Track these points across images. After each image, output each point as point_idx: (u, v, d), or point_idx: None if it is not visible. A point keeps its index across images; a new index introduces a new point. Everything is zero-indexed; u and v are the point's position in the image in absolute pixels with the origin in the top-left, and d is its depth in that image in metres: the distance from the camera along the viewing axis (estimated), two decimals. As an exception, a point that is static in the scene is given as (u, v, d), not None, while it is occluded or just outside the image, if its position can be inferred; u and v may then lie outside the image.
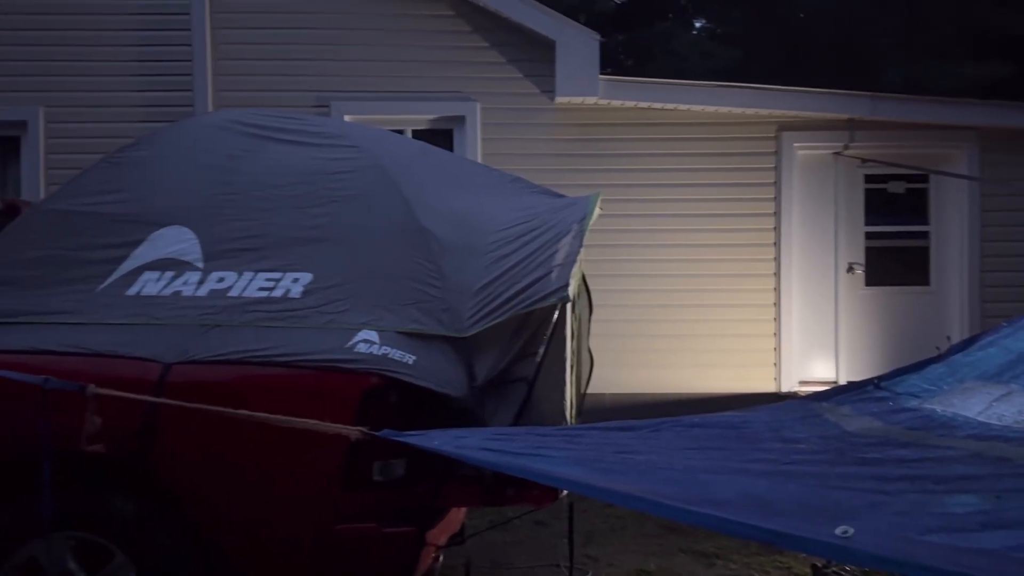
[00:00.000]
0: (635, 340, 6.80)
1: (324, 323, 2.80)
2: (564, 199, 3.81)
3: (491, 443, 2.02)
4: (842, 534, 1.18)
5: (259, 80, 6.70)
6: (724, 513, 1.48)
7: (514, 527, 4.92)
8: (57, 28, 6.72)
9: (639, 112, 6.83)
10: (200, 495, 2.71)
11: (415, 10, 6.82)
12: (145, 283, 2.93)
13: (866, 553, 1.17)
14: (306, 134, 3.50)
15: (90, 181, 3.27)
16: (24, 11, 6.73)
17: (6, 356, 2.72)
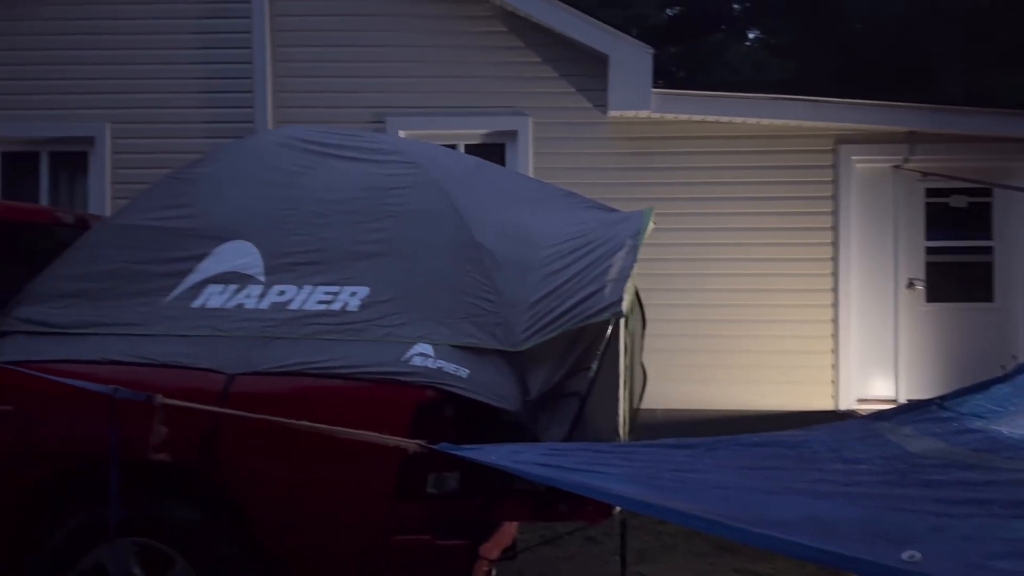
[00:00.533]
0: (689, 355, 6.74)
1: (381, 336, 2.84)
2: (617, 214, 3.81)
3: (547, 458, 2.03)
4: (909, 559, 1.16)
5: (317, 97, 6.84)
6: (786, 534, 1.46)
7: (566, 543, 4.90)
8: (124, 47, 6.95)
9: (693, 125, 6.79)
10: (260, 504, 2.76)
11: (470, 27, 6.89)
12: (209, 296, 3.00)
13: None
14: (364, 150, 3.56)
15: (157, 196, 3.37)
16: (92, 32, 6.98)
17: (77, 366, 2.81)
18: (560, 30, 6.69)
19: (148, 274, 3.08)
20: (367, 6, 6.92)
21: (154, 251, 3.13)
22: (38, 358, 2.86)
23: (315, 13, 6.92)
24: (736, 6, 20.12)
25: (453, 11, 6.90)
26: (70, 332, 2.96)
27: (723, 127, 6.78)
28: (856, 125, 6.74)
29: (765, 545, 1.40)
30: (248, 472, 2.76)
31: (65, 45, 6.98)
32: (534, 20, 6.75)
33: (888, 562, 1.19)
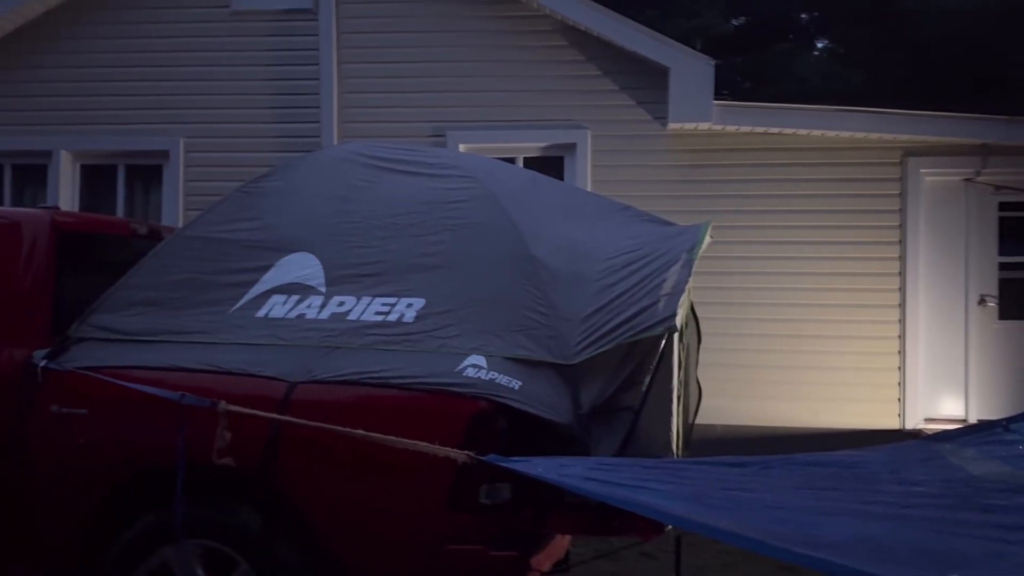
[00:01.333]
0: (748, 371, 6.65)
1: (436, 347, 2.89)
2: (674, 227, 3.79)
3: (595, 473, 2.04)
4: None
5: (380, 112, 7.00)
6: (836, 557, 1.44)
7: (621, 558, 4.88)
8: (198, 64, 7.24)
9: (755, 137, 6.72)
10: (319, 509, 2.82)
11: (531, 41, 6.97)
12: (273, 306, 3.09)
13: None
14: (423, 165, 3.63)
15: (226, 209, 3.48)
16: (168, 50, 7.28)
17: (147, 372, 2.92)
18: (621, 43, 6.70)
19: (216, 284, 3.19)
20: (430, 23, 7.05)
21: (222, 262, 3.24)
22: (111, 364, 2.98)
23: (379, 30, 7.09)
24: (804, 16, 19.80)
25: (515, 26, 6.98)
26: (142, 339, 3.07)
27: (786, 139, 6.70)
28: (925, 137, 6.58)
29: (814, 566, 1.39)
30: (308, 478, 2.82)
31: (142, 63, 7.29)
32: (595, 34, 6.78)
33: None
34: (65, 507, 3.00)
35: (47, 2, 7.32)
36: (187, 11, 7.27)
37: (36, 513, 3.02)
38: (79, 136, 7.36)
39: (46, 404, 3.00)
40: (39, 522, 3.02)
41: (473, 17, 7.02)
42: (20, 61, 7.44)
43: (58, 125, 7.36)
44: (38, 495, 3.01)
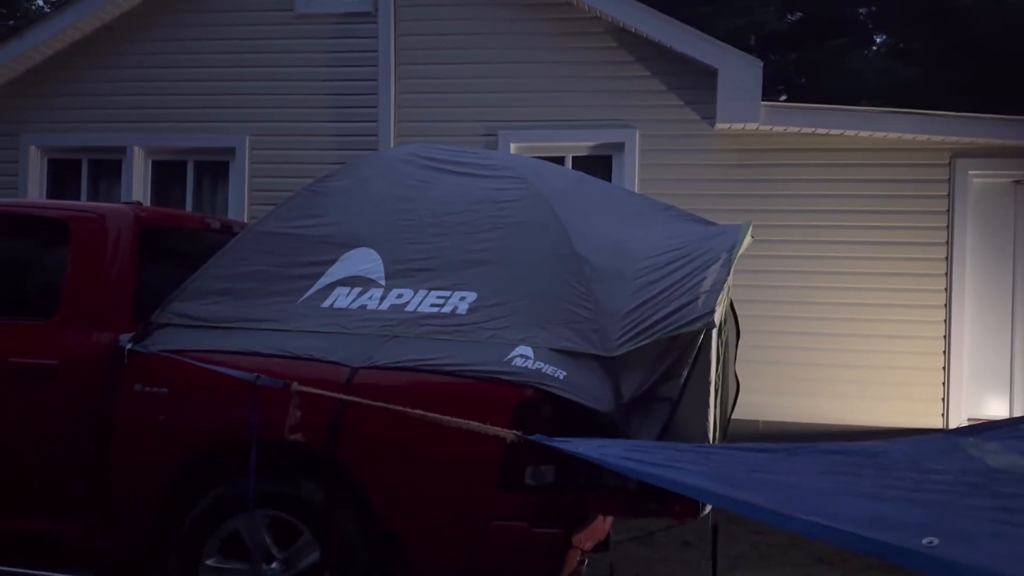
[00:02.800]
0: (793, 368, 6.72)
1: (486, 338, 3.09)
2: (715, 227, 3.93)
3: (632, 453, 2.21)
4: (927, 544, 1.28)
5: (434, 112, 7.21)
6: (833, 523, 1.60)
7: (661, 545, 5.04)
8: (262, 65, 7.54)
9: (802, 138, 6.77)
10: (377, 484, 3.05)
11: (581, 43, 7.11)
12: (337, 297, 3.33)
13: (950, 562, 1.26)
14: (476, 166, 3.84)
15: (294, 206, 3.72)
16: (234, 51, 7.60)
17: (223, 355, 3.18)
18: (670, 44, 6.81)
19: (285, 276, 3.43)
20: (484, 26, 7.23)
21: (291, 256, 3.49)
22: (190, 347, 3.23)
23: (435, 32, 7.29)
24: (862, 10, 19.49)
25: (566, 28, 7.13)
26: (217, 326, 3.32)
27: (833, 139, 6.74)
28: (974, 139, 6.56)
29: (809, 532, 1.54)
30: (367, 455, 3.05)
31: (211, 63, 7.62)
32: (644, 35, 6.90)
33: (911, 546, 1.32)
34: (146, 478, 3.27)
35: (122, 5, 7.70)
36: (253, 14, 7.58)
37: (119, 484, 3.29)
38: (151, 133, 7.74)
39: (130, 384, 3.28)
40: (122, 492, 3.30)
41: (526, 20, 7.18)
42: (97, 62, 7.84)
43: (132, 123, 7.74)
44: (121, 467, 3.29)
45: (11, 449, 3.39)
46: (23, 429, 3.38)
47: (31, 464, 3.38)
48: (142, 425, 3.26)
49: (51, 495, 3.36)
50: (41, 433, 3.37)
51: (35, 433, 3.37)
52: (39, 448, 3.37)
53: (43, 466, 3.36)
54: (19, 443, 3.39)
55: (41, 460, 3.36)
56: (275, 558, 3.14)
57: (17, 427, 3.39)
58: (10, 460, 3.40)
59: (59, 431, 3.34)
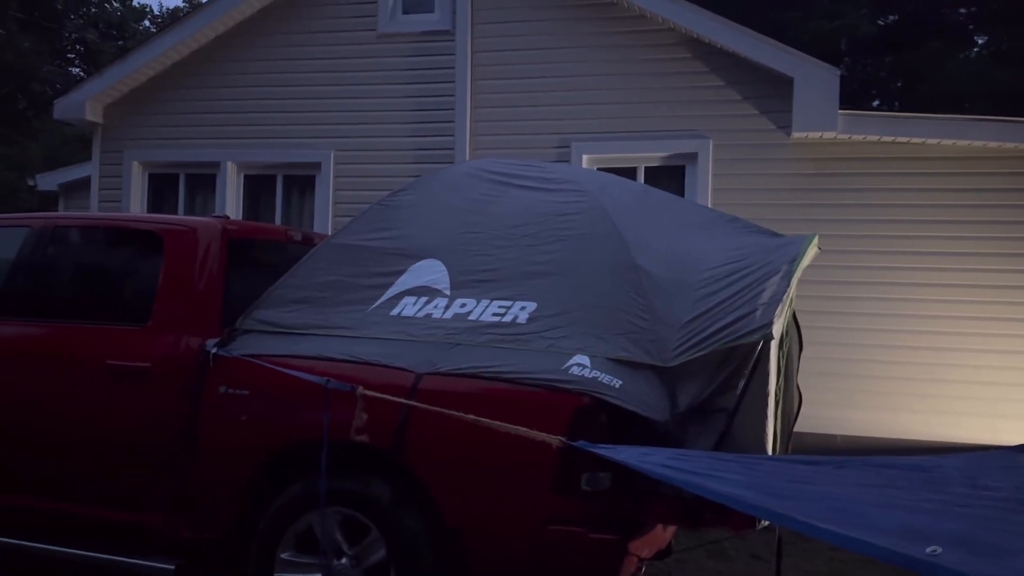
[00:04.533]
0: (873, 382, 6.57)
1: (545, 347, 3.19)
2: (779, 239, 3.91)
3: (674, 462, 2.27)
4: (931, 552, 1.31)
5: (509, 125, 7.37)
6: (868, 538, 1.63)
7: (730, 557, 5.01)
8: (347, 83, 7.85)
9: (882, 146, 6.63)
10: (440, 485, 3.18)
11: (654, 54, 7.14)
12: (404, 306, 3.48)
13: (949, 570, 1.29)
14: (541, 180, 3.95)
15: (367, 220, 3.91)
16: (321, 70, 7.94)
17: (299, 360, 3.36)
18: (744, 54, 6.78)
19: (357, 286, 3.61)
20: (559, 40, 7.34)
21: (363, 267, 3.66)
22: (270, 352, 3.43)
23: (510, 48, 7.45)
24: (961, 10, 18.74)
25: (640, 40, 7.18)
26: (295, 332, 3.52)
27: (914, 148, 6.57)
28: (1063, 146, 6.29)
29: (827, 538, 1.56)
30: (431, 457, 3.18)
31: (299, 82, 7.99)
32: (718, 45, 6.88)
33: (910, 552, 1.35)
34: (227, 475, 3.48)
35: (217, 28, 8.16)
36: (338, 35, 7.91)
37: (204, 479, 3.51)
38: (243, 149, 8.15)
39: (215, 385, 3.50)
40: (206, 488, 3.52)
41: (600, 33, 7.26)
42: (194, 82, 8.33)
43: (225, 139, 8.18)
44: (206, 463, 3.50)
45: (107, 444, 3.67)
46: (118, 426, 3.65)
47: (125, 459, 3.64)
48: (225, 424, 3.47)
49: (142, 488, 3.61)
50: (134, 430, 3.62)
51: (129, 430, 3.63)
52: (133, 444, 3.62)
53: (136, 461, 3.62)
54: (115, 439, 3.66)
55: (134, 455, 3.62)
56: (345, 554, 3.29)
57: (113, 424, 3.66)
58: (106, 455, 3.67)
59: (151, 428, 3.59)
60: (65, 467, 3.75)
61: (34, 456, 3.80)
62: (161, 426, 3.57)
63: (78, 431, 3.72)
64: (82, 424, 3.71)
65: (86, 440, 3.70)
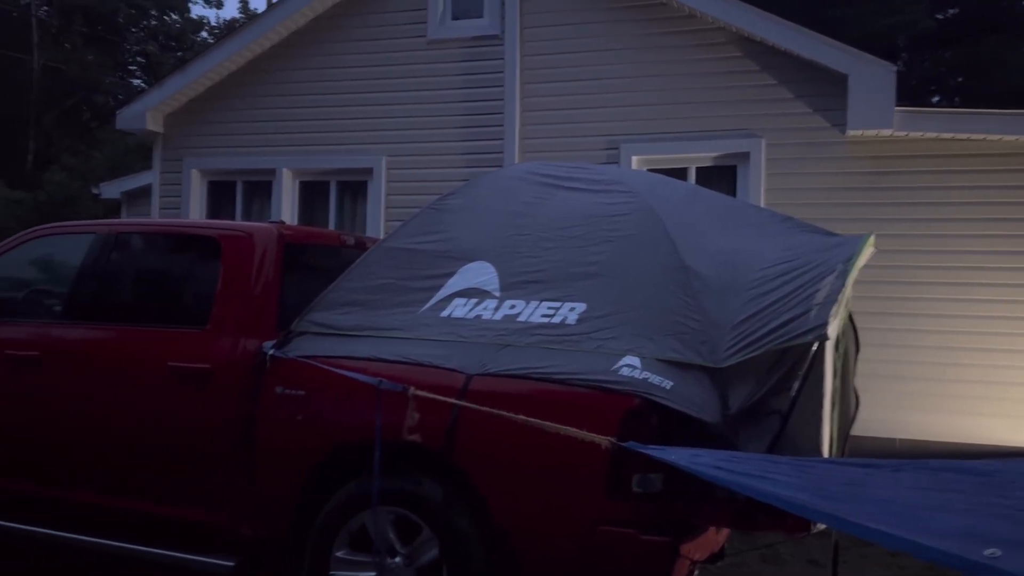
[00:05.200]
0: (932, 384, 6.40)
1: (594, 348, 3.18)
2: (834, 238, 3.84)
3: (725, 463, 2.25)
4: (990, 555, 1.27)
5: (558, 128, 7.37)
6: (924, 541, 1.60)
7: (785, 562, 4.94)
8: (398, 90, 7.96)
9: (940, 143, 6.45)
10: (491, 485, 3.20)
11: (704, 54, 7.08)
12: (455, 307, 3.52)
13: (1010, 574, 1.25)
14: (589, 182, 3.95)
15: (417, 224, 3.96)
16: (373, 77, 8.06)
17: (352, 361, 3.41)
18: (797, 52, 6.68)
19: (408, 288, 3.66)
20: (607, 42, 7.33)
21: (414, 269, 3.71)
22: (324, 354, 3.49)
23: (559, 51, 7.46)
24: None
25: (689, 40, 7.13)
26: (349, 334, 3.58)
27: (975, 145, 6.38)
28: None
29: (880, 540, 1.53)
30: (481, 457, 3.21)
31: (351, 89, 8.13)
32: (770, 44, 6.79)
33: (971, 556, 1.32)
34: (285, 474, 3.55)
35: (271, 38, 8.35)
36: (389, 42, 8.03)
37: (262, 478, 3.59)
38: (298, 156, 8.32)
39: (272, 386, 3.57)
40: (263, 487, 3.59)
41: (649, 34, 7.23)
42: (250, 91, 8.53)
43: (281, 146, 8.37)
44: (264, 463, 3.58)
45: (170, 443, 3.78)
46: (179, 426, 3.76)
47: (187, 457, 3.74)
48: (282, 424, 3.55)
49: (203, 487, 3.71)
50: (195, 430, 3.72)
51: (189, 429, 3.73)
52: (193, 443, 3.72)
53: (196, 460, 3.72)
54: (177, 438, 3.76)
55: (195, 454, 3.72)
56: (398, 552, 3.33)
57: (174, 424, 3.77)
58: (169, 453, 3.78)
59: (210, 428, 3.68)
60: (129, 465, 3.87)
61: (99, 454, 3.93)
62: (220, 426, 3.66)
63: (142, 430, 3.83)
64: (145, 424, 3.83)
65: (149, 439, 3.82)
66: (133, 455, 3.85)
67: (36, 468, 4.05)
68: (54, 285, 4.53)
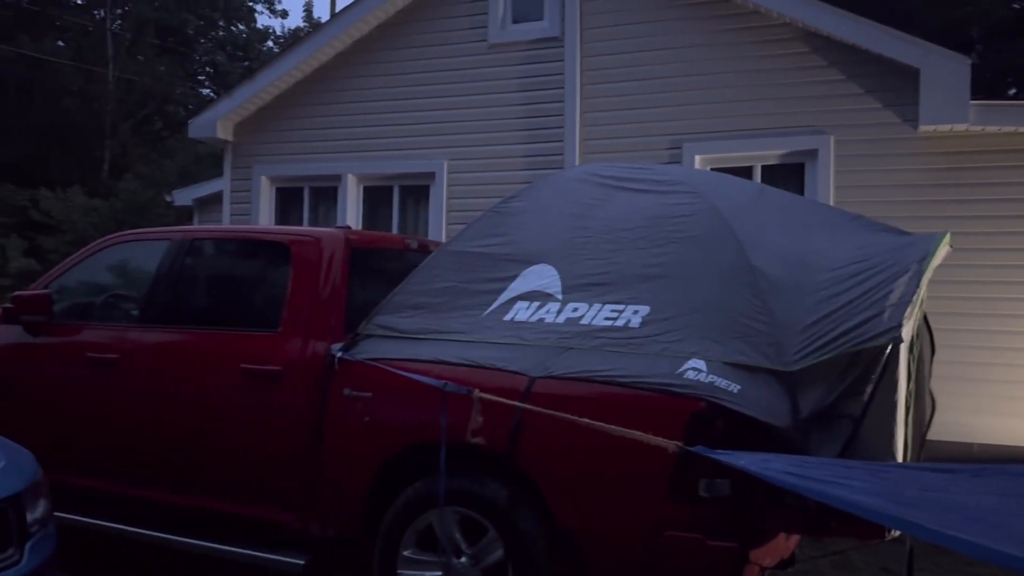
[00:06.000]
0: (1011, 387, 6.15)
1: (658, 351, 3.16)
2: (908, 237, 3.73)
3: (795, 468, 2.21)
4: None
5: (619, 128, 7.31)
6: (1015, 552, 1.54)
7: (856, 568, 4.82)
8: (459, 94, 8.02)
9: (1017, 138, 6.17)
10: (555, 487, 3.21)
11: (768, 50, 6.95)
12: (517, 311, 3.54)
13: None
14: (652, 182, 3.92)
15: (480, 227, 3.99)
16: (434, 82, 8.13)
17: (417, 364, 3.46)
18: (865, 46, 6.50)
19: (471, 291, 3.69)
20: (669, 41, 7.25)
21: (476, 273, 3.74)
22: (389, 356, 3.55)
23: (619, 51, 7.41)
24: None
25: (753, 36, 7.01)
26: (413, 336, 3.63)
27: (1057, 138, 6.12)
28: None
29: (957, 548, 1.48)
30: (545, 460, 3.22)
31: (414, 95, 8.21)
32: (837, 38, 6.63)
33: None
34: (352, 474, 3.62)
35: (336, 46, 8.50)
36: (450, 47, 8.09)
37: (330, 477, 3.66)
38: (362, 161, 8.45)
39: (340, 388, 3.65)
40: (332, 486, 3.66)
41: (712, 31, 7.13)
42: (316, 99, 8.69)
43: (346, 152, 8.51)
44: (333, 463, 3.65)
45: (241, 443, 3.88)
46: (252, 426, 3.86)
47: (258, 457, 3.84)
48: (350, 425, 3.62)
49: (274, 485, 3.80)
50: (266, 430, 3.82)
51: (261, 429, 3.83)
52: (264, 443, 3.82)
53: (268, 459, 3.81)
54: (248, 438, 3.87)
55: (266, 454, 3.81)
56: (464, 552, 3.37)
57: (247, 424, 3.88)
58: (241, 454, 3.88)
59: (281, 429, 3.78)
60: (203, 464, 3.99)
61: (174, 454, 4.06)
62: (291, 426, 3.75)
63: (216, 431, 3.95)
64: (220, 424, 3.94)
65: (223, 439, 3.93)
66: (207, 455, 3.97)
67: (113, 466, 4.21)
68: (131, 290, 4.70)
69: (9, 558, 2.65)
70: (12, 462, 2.92)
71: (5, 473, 2.80)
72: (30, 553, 2.73)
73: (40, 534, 2.84)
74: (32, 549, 2.75)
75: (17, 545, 2.69)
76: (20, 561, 2.68)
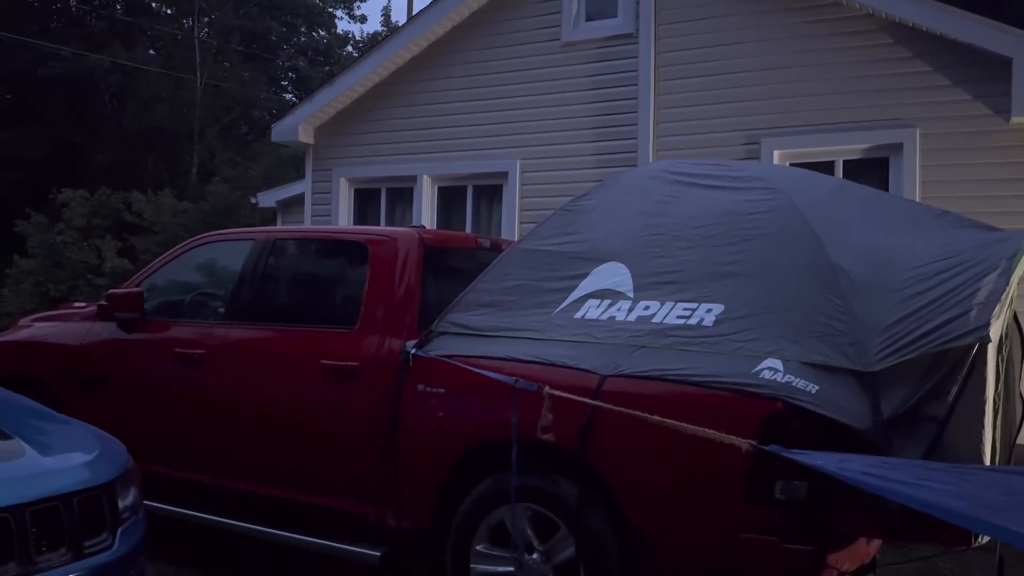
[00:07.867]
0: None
1: (733, 350, 3.10)
2: (997, 233, 3.58)
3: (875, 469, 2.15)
4: None
5: (693, 124, 7.22)
6: None
7: (944, 578, 4.65)
8: (532, 93, 8.05)
9: (1122, 128, 5.88)
10: (626, 486, 3.20)
11: (851, 42, 6.75)
12: (588, 309, 3.53)
13: None
14: (726, 179, 3.86)
15: (551, 225, 4.00)
16: (508, 82, 8.18)
17: (489, 361, 3.50)
18: (953, 36, 6.25)
19: (543, 290, 3.71)
20: (745, 34, 7.11)
21: (548, 271, 3.76)
22: (461, 353, 3.60)
23: (694, 46, 7.31)
24: None
25: (834, 28, 6.81)
26: (485, 334, 3.66)
27: None
28: None
29: None
30: (616, 459, 3.21)
31: (487, 96, 8.28)
32: (923, 28, 6.39)
33: None
34: (427, 468, 3.68)
35: (412, 50, 8.64)
36: (523, 47, 8.13)
37: (405, 471, 3.74)
38: (436, 162, 8.57)
39: (414, 384, 3.72)
40: (407, 480, 3.74)
41: (790, 24, 6.97)
42: (392, 102, 8.85)
43: (420, 154, 8.64)
44: (407, 457, 3.73)
45: (322, 437, 3.99)
46: (331, 420, 3.97)
47: (337, 451, 3.94)
48: (424, 421, 3.68)
49: (352, 478, 3.89)
50: (344, 424, 3.92)
51: (340, 424, 3.93)
52: (343, 437, 3.92)
53: (346, 453, 3.91)
54: (328, 432, 3.97)
55: (345, 448, 3.91)
56: (536, 549, 3.38)
57: (326, 418, 3.98)
58: (321, 447, 3.99)
59: (359, 423, 3.87)
60: (285, 457, 4.11)
61: (258, 447, 4.20)
62: (368, 421, 3.84)
63: (297, 425, 4.07)
64: (300, 417, 4.06)
65: (304, 433, 4.04)
66: (288, 447, 4.09)
67: (199, 457, 4.37)
68: (217, 288, 4.89)
69: (102, 542, 2.79)
70: (106, 451, 3.06)
71: (99, 462, 2.94)
72: (121, 538, 2.86)
73: (131, 521, 2.97)
74: (123, 535, 2.88)
75: (110, 530, 2.83)
76: (112, 546, 2.81)
